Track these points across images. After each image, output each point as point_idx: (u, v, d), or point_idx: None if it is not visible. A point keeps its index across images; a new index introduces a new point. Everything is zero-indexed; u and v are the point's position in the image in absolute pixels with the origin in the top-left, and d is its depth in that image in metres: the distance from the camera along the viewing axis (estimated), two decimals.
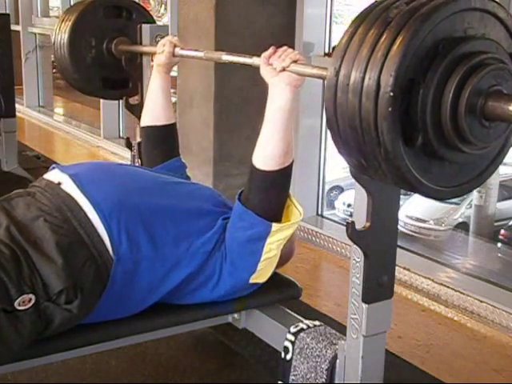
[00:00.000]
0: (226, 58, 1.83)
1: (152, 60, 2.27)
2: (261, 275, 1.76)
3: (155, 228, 1.66)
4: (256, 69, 1.67)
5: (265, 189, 1.66)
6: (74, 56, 2.37)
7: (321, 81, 1.54)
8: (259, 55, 1.66)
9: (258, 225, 1.66)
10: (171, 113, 2.16)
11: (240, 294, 1.81)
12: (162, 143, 2.13)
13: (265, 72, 1.62)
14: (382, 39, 1.10)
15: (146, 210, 1.67)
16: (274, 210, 1.68)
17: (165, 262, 1.66)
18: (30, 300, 1.46)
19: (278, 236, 1.68)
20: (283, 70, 1.57)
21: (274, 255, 1.71)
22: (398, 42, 1.08)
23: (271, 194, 1.67)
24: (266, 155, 1.63)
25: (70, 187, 1.66)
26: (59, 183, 1.69)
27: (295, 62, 1.56)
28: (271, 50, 1.61)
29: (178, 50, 2.09)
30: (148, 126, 2.14)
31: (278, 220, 1.69)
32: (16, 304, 1.45)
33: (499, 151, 1.28)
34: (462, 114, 1.11)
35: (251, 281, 1.75)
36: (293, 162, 1.67)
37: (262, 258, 1.69)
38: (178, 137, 2.19)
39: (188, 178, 2.13)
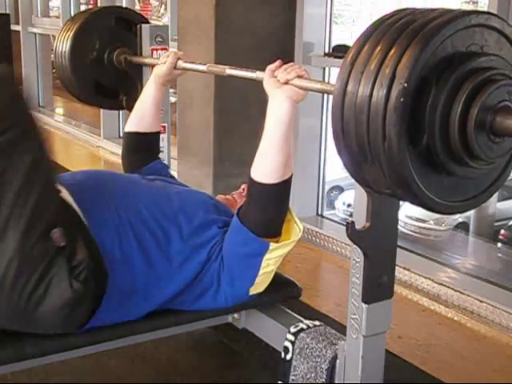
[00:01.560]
0: (230, 71, 1.83)
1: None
2: (259, 287, 1.75)
3: (147, 242, 1.66)
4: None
5: (263, 203, 1.64)
6: (75, 53, 2.37)
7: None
8: (262, 69, 1.67)
9: (253, 243, 1.65)
10: (158, 122, 2.19)
11: (241, 303, 1.81)
12: (143, 150, 2.14)
13: (268, 84, 1.61)
14: (402, 36, 1.11)
15: (138, 225, 1.66)
16: (273, 226, 1.67)
17: (159, 275, 1.66)
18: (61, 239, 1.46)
19: (276, 253, 1.67)
20: (287, 82, 1.57)
21: (271, 270, 1.71)
22: (417, 40, 1.08)
23: (270, 208, 1.65)
24: (264, 167, 1.62)
25: (68, 199, 1.64)
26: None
27: (300, 76, 1.57)
28: (277, 63, 1.62)
29: (180, 63, 2.08)
30: (133, 132, 2.14)
31: (278, 234, 1.68)
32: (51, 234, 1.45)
33: (504, 168, 1.26)
34: (472, 126, 1.11)
35: (251, 293, 1.75)
36: (292, 175, 1.65)
37: (259, 273, 1.69)
38: (159, 144, 2.21)
39: (172, 177, 2.14)
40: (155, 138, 2.18)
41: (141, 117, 2.15)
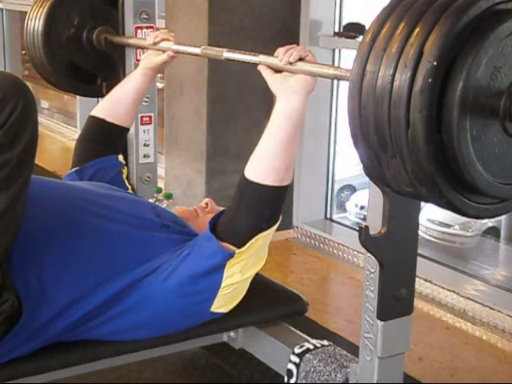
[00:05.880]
0: (228, 55, 1.83)
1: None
2: (226, 302, 1.72)
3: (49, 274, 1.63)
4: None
5: (258, 207, 1.64)
6: (50, 28, 2.36)
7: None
8: (262, 52, 1.68)
9: (219, 254, 1.64)
10: (131, 118, 2.20)
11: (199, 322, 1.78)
12: (103, 142, 2.14)
13: (273, 83, 1.63)
14: (429, 11, 1.11)
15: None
16: (247, 236, 1.65)
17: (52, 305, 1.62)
18: None
19: (241, 257, 1.65)
20: (289, 64, 1.58)
21: (237, 281, 1.68)
22: (448, 14, 1.08)
23: (265, 214, 1.65)
24: (264, 166, 1.61)
25: None
26: None
27: (302, 59, 1.58)
28: (277, 50, 1.64)
29: (170, 45, 2.07)
30: (99, 118, 2.14)
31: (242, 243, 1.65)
32: None
33: None
34: None
35: (214, 310, 1.71)
36: (289, 185, 1.65)
37: (222, 285, 1.66)
38: (122, 142, 2.24)
39: (123, 180, 2.13)
40: (121, 133, 2.19)
41: (114, 104, 2.15)
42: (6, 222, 1.49)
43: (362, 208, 4.02)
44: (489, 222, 3.86)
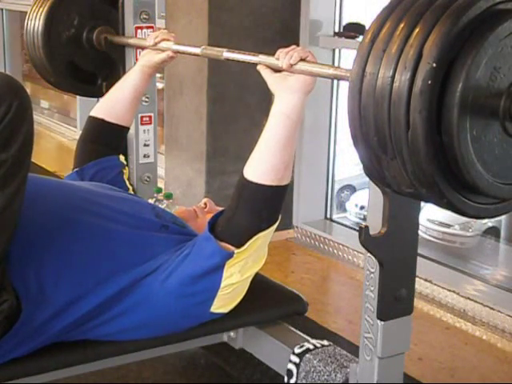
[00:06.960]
0: (228, 55, 1.83)
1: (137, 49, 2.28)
2: (226, 303, 1.72)
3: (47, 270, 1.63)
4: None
5: (257, 207, 1.64)
6: (50, 29, 2.36)
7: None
8: (262, 52, 1.68)
9: (218, 254, 1.64)
10: (130, 117, 2.20)
11: (199, 323, 1.78)
12: (103, 142, 2.14)
13: (273, 83, 1.63)
14: (429, 11, 1.11)
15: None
16: (250, 237, 1.65)
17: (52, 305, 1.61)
18: None
19: (240, 257, 1.66)
20: (290, 67, 1.58)
21: (237, 281, 1.68)
22: (447, 14, 1.08)
23: (263, 214, 1.65)
24: (262, 166, 1.61)
25: None
26: None
27: (303, 59, 1.58)
28: (278, 52, 1.64)
29: (170, 45, 2.07)
30: (98, 118, 2.14)
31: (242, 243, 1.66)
32: None
33: None
34: None
35: (214, 311, 1.71)
36: (288, 184, 1.65)
37: (221, 285, 1.67)
38: (122, 142, 2.24)
39: (124, 181, 2.13)
40: (121, 132, 2.19)
41: (113, 103, 2.16)
42: (2, 222, 1.49)
43: (361, 208, 4.02)
44: (489, 222, 3.86)
